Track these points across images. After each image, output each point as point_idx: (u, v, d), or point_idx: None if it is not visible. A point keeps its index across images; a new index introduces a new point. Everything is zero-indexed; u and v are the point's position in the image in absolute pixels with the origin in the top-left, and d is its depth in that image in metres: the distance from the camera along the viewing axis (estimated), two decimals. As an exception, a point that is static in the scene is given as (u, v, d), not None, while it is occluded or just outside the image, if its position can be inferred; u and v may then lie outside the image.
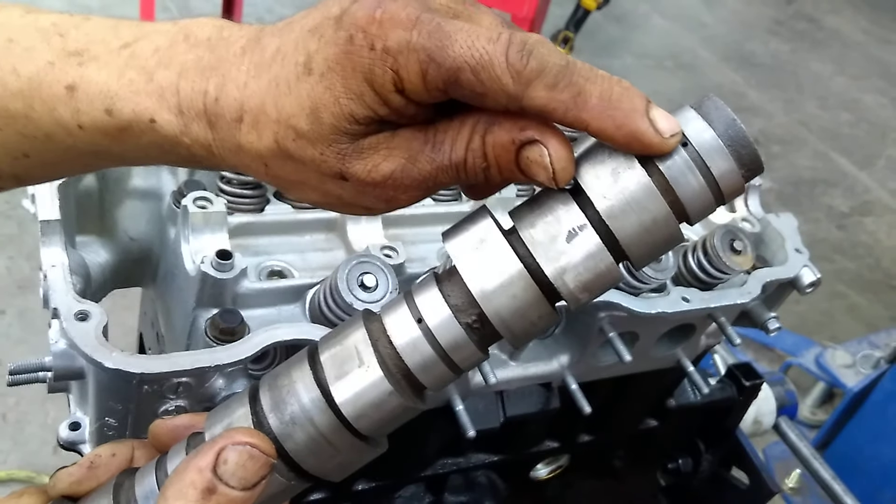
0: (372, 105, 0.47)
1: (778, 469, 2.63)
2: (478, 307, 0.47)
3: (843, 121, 5.71)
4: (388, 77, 0.46)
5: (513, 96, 0.45)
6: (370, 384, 0.48)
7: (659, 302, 0.94)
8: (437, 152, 0.49)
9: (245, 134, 0.50)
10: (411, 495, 1.08)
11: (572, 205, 0.47)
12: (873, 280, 4.17)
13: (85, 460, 0.54)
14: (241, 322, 0.80)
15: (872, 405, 2.67)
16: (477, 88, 0.46)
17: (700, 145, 0.46)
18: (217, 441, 0.47)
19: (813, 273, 1.08)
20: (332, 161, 0.49)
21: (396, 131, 0.49)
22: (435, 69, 0.45)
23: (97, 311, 0.73)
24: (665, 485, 1.36)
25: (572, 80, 0.45)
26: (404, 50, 0.45)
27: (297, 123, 0.48)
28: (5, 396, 2.50)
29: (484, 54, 0.45)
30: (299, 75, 0.48)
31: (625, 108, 0.46)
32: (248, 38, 0.51)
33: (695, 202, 0.46)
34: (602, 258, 0.46)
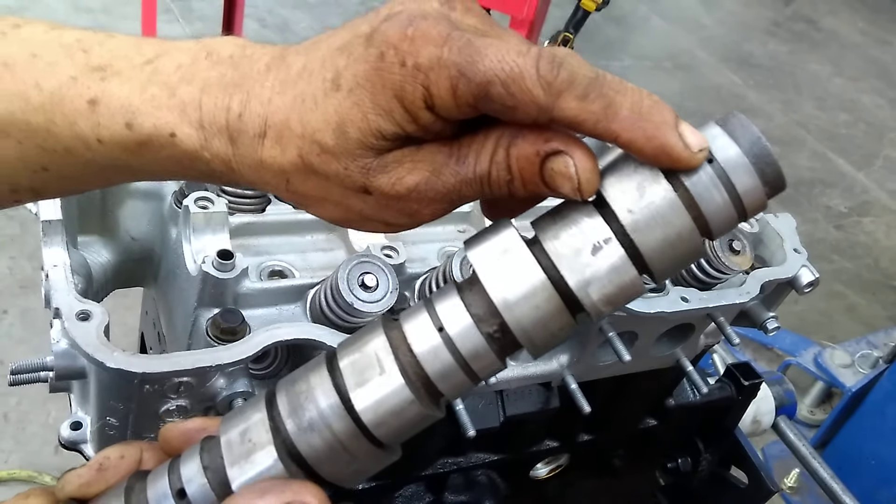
0: (400, 121, 0.47)
1: (777, 468, 2.64)
2: (500, 317, 0.47)
3: (841, 121, 5.72)
4: (419, 93, 0.46)
5: (544, 108, 0.46)
6: (391, 392, 0.48)
7: (658, 302, 0.94)
8: (462, 165, 0.50)
9: (268, 149, 0.50)
10: (411, 495, 1.08)
11: (597, 217, 0.47)
12: (872, 280, 4.18)
13: (94, 462, 0.54)
14: (242, 322, 0.81)
15: (871, 405, 2.67)
16: (508, 101, 0.46)
17: (725, 162, 0.46)
18: (286, 492, 0.46)
19: (811, 273, 1.08)
20: (357, 175, 0.49)
21: (421, 146, 0.50)
22: (465, 84, 0.45)
23: (99, 310, 0.73)
24: (664, 484, 1.36)
25: (603, 91, 0.46)
26: (435, 66, 0.45)
27: (322, 138, 0.48)
28: (7, 396, 2.50)
29: (514, 67, 0.45)
30: (327, 91, 0.48)
31: (655, 120, 0.46)
32: (272, 56, 0.52)
33: (718, 218, 0.47)
34: (626, 271, 0.47)
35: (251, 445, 0.49)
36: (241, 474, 0.48)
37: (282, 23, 5.19)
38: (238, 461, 0.49)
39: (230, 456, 0.49)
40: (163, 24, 4.33)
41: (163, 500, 0.49)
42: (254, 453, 0.49)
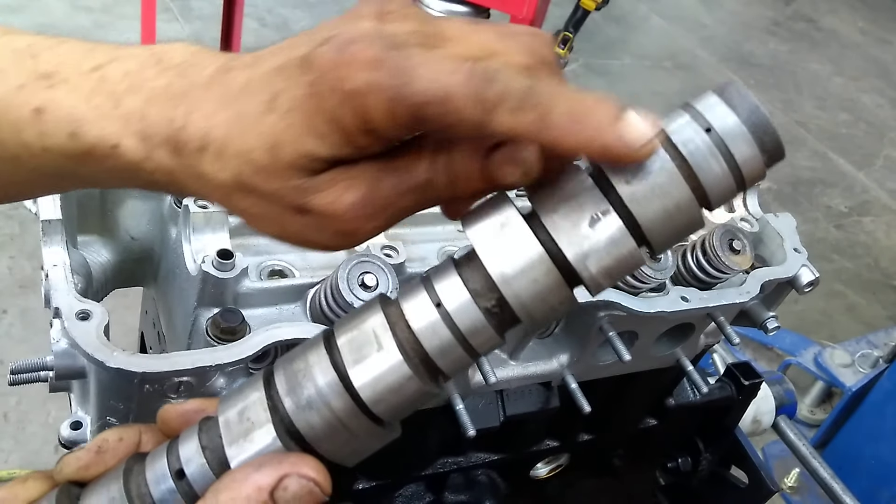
0: (336, 145, 0.47)
1: (777, 468, 2.64)
2: (497, 291, 0.47)
3: (841, 121, 5.72)
4: (357, 118, 0.46)
5: (478, 124, 0.45)
6: (389, 368, 0.48)
7: (658, 301, 0.94)
8: (399, 178, 0.49)
9: (209, 164, 0.50)
10: (411, 494, 1.08)
11: (595, 189, 0.47)
12: (872, 279, 4.18)
13: (92, 445, 0.54)
14: (242, 321, 0.81)
15: (871, 404, 2.67)
16: (443, 120, 0.46)
17: (723, 131, 0.46)
18: (283, 463, 0.47)
19: (811, 273, 1.08)
20: (292, 195, 0.49)
21: (356, 163, 0.49)
22: (401, 106, 0.45)
23: (98, 310, 0.74)
24: (664, 484, 1.36)
25: (536, 101, 0.45)
26: (369, 91, 0.45)
27: (257, 158, 0.48)
28: (7, 396, 2.50)
29: (447, 86, 0.45)
30: (263, 112, 0.48)
31: (591, 124, 0.45)
32: (217, 68, 0.51)
33: (717, 188, 0.46)
34: (625, 243, 0.46)
35: (249, 424, 0.49)
36: (240, 453, 0.48)
37: (281, 22, 5.19)
38: (237, 440, 0.49)
39: (228, 435, 0.49)
40: (162, 23, 4.33)
41: (161, 480, 0.49)
42: (252, 432, 0.49)
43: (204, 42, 2.34)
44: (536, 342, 0.99)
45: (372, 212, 0.50)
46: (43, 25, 4.46)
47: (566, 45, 3.75)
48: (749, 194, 1.16)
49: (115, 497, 0.50)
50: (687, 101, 0.48)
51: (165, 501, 0.49)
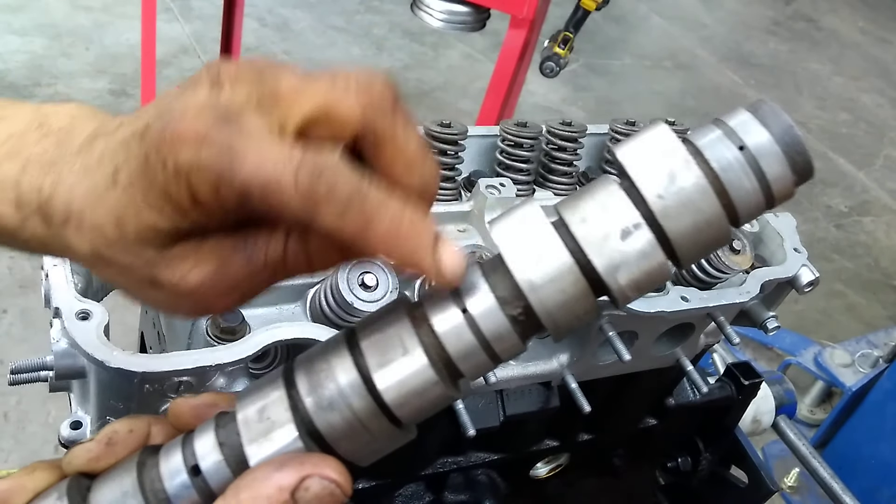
0: (172, 218, 0.47)
1: (777, 468, 2.64)
2: (524, 299, 0.47)
3: (841, 121, 5.72)
4: (184, 194, 0.46)
5: (302, 219, 0.45)
6: (414, 373, 0.48)
7: (658, 301, 0.94)
8: (251, 256, 0.49)
9: (71, 236, 0.50)
10: (411, 494, 1.08)
11: (627, 202, 0.47)
12: (872, 279, 4.18)
13: (102, 436, 0.53)
14: (242, 321, 0.81)
15: (871, 404, 2.67)
16: (268, 208, 0.45)
17: (756, 149, 0.46)
18: (305, 464, 0.47)
19: (811, 272, 1.08)
20: (142, 269, 0.49)
21: (205, 239, 0.49)
22: (226, 188, 0.45)
23: (98, 310, 0.74)
24: (664, 483, 1.36)
25: (362, 208, 0.45)
26: (194, 169, 0.45)
27: (106, 232, 0.48)
28: (7, 395, 2.50)
29: (272, 176, 0.44)
30: (108, 185, 0.48)
31: (411, 243, 0.46)
32: (87, 136, 0.51)
33: (746, 205, 0.47)
34: (655, 257, 0.46)
35: (270, 423, 0.49)
36: (260, 451, 0.48)
37: (281, 22, 5.19)
38: (256, 438, 0.48)
39: (248, 433, 0.49)
40: (162, 23, 4.33)
41: (176, 475, 0.49)
42: (273, 431, 0.48)
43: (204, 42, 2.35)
44: (536, 342, 0.99)
45: (222, 290, 0.50)
46: (43, 25, 4.46)
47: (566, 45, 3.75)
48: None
49: (128, 491, 0.49)
50: (718, 118, 0.48)
51: (179, 497, 0.49)
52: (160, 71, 3.93)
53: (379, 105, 0.49)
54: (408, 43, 5.34)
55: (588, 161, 1.19)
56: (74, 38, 4.44)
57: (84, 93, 4.00)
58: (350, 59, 5.00)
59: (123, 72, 4.21)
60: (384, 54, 5.18)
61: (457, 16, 2.97)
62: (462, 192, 1.08)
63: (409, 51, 5.26)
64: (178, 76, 4.27)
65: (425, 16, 2.98)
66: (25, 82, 4.01)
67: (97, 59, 4.31)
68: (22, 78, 4.03)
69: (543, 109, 4.92)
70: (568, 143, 1.08)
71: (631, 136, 0.48)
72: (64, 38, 4.41)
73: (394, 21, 5.49)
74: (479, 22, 3.04)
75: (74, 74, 4.14)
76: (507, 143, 1.08)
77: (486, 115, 3.03)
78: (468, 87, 4.94)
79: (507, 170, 1.09)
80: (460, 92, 4.91)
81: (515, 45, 2.86)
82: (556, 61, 3.29)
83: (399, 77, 4.96)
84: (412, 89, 4.84)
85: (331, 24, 5.34)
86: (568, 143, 1.08)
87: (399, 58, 5.18)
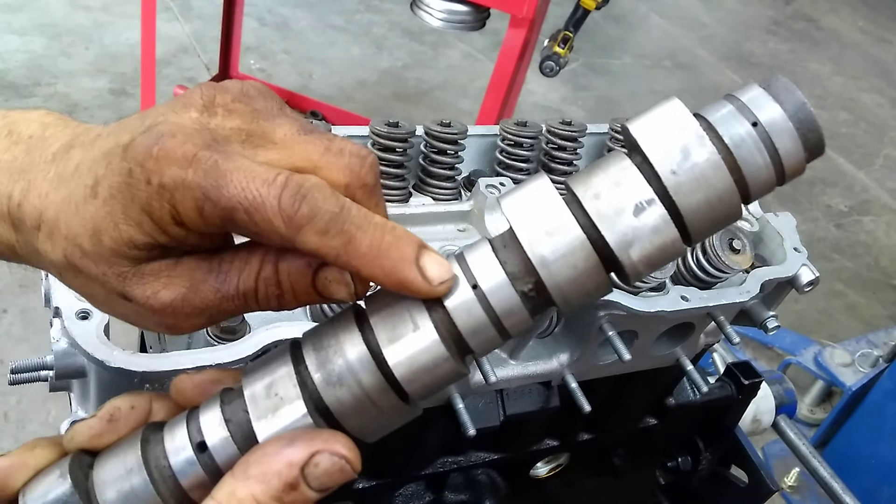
0: (151, 233, 0.48)
1: (777, 467, 2.64)
2: (535, 275, 0.47)
3: (841, 120, 5.72)
4: (166, 210, 0.47)
5: (285, 239, 0.46)
6: (425, 348, 0.47)
7: (658, 301, 0.94)
8: (223, 282, 0.50)
9: (42, 242, 0.50)
10: (412, 493, 1.08)
11: (640, 177, 0.46)
12: (872, 279, 4.18)
13: (104, 413, 0.53)
14: (242, 320, 0.81)
15: (871, 403, 2.68)
16: (251, 228, 0.46)
17: (770, 125, 0.46)
18: (315, 440, 0.47)
19: (811, 272, 1.08)
20: (114, 281, 0.49)
21: (180, 259, 0.50)
22: (210, 207, 0.46)
23: (99, 309, 0.73)
24: (664, 483, 1.36)
25: (343, 227, 0.46)
26: (179, 187, 0.46)
27: (81, 242, 0.49)
28: (7, 395, 2.50)
29: (257, 196, 0.45)
30: (86, 197, 0.48)
31: (393, 257, 0.47)
32: (61, 144, 0.52)
33: (758, 181, 0.47)
34: (668, 233, 0.46)
35: (278, 399, 0.48)
36: (269, 428, 0.48)
37: (281, 21, 5.19)
38: (265, 415, 0.48)
39: (256, 410, 0.48)
40: (162, 22, 4.33)
41: (181, 451, 0.49)
42: (281, 407, 0.48)
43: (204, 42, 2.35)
44: (536, 342, 0.99)
45: (190, 311, 0.50)
46: (43, 25, 4.46)
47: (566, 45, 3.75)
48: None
49: (132, 468, 0.49)
50: (730, 93, 0.48)
51: (185, 473, 0.49)
52: (160, 70, 3.93)
53: (362, 184, 0.50)
54: (407, 42, 5.34)
55: (588, 160, 1.19)
56: (74, 38, 4.44)
57: (84, 92, 4.00)
58: (350, 58, 5.00)
59: (123, 71, 4.21)
60: (384, 53, 5.18)
61: (456, 15, 2.97)
62: (462, 191, 1.08)
63: (408, 50, 5.26)
64: (178, 75, 4.27)
65: (425, 15, 2.98)
66: (25, 82, 4.01)
67: (97, 58, 4.31)
68: (22, 77, 4.03)
69: (543, 109, 4.92)
70: (568, 142, 1.08)
71: (643, 112, 0.48)
72: (64, 38, 4.41)
73: (393, 20, 5.49)
74: (478, 21, 3.04)
75: (74, 74, 4.14)
76: (506, 143, 1.08)
77: (485, 115, 3.03)
78: (468, 87, 4.94)
79: (507, 169, 1.09)
80: (460, 91, 4.91)
81: (515, 44, 2.86)
82: (555, 61, 3.29)
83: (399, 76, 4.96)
84: (412, 89, 4.84)
85: (330, 23, 5.33)
86: (568, 142, 1.08)
87: (399, 57, 5.17)
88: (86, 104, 3.90)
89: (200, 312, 0.51)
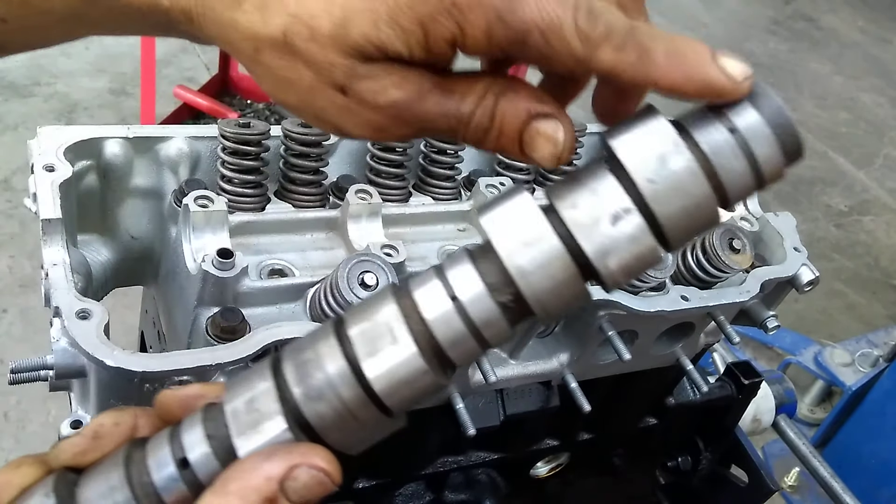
0: (412, 46, 0.47)
1: (777, 467, 2.64)
2: (514, 286, 0.47)
3: (841, 120, 5.72)
4: (447, 29, 0.46)
5: (581, 60, 0.46)
6: (403, 361, 0.47)
7: (658, 300, 0.94)
8: (447, 99, 0.49)
9: (247, 13, 0.48)
10: (412, 493, 1.08)
11: (617, 186, 0.47)
12: (872, 279, 4.18)
13: (88, 430, 0.53)
14: (242, 320, 0.81)
15: (871, 403, 2.67)
16: (544, 51, 0.46)
17: (747, 130, 0.46)
18: (293, 453, 0.47)
19: (811, 272, 1.08)
20: (339, 74, 0.48)
21: (410, 67, 0.49)
22: (502, 29, 0.45)
23: (98, 309, 0.74)
24: (664, 483, 1.36)
25: (638, 40, 0.46)
26: (475, 7, 0.45)
27: (318, 25, 0.47)
28: (7, 395, 2.50)
29: (554, 18, 0.45)
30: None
31: (691, 59, 0.46)
32: None
33: (737, 188, 0.47)
34: (645, 242, 0.46)
35: (258, 415, 0.48)
36: (249, 443, 0.48)
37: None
38: (245, 431, 0.48)
39: (236, 425, 0.48)
40: (162, 22, 4.32)
41: (164, 468, 0.49)
42: (261, 422, 0.48)
43: (204, 41, 2.29)
44: (536, 341, 0.99)
45: (409, 118, 0.50)
46: (43, 24, 4.45)
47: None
48: (749, 193, 1.16)
49: (115, 485, 0.49)
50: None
51: (168, 489, 0.48)
52: (160, 70, 3.93)
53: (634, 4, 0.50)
54: (408, 42, 5.33)
55: (588, 160, 1.19)
56: (74, 38, 4.43)
57: (84, 92, 4.00)
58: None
59: (123, 71, 4.20)
60: (384, 54, 5.17)
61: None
62: (462, 191, 1.08)
63: (408, 50, 5.25)
64: (178, 75, 4.26)
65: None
66: (25, 81, 4.01)
67: (97, 58, 4.31)
68: (21, 77, 4.03)
69: (543, 109, 4.90)
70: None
71: (621, 122, 0.48)
72: (64, 38, 4.40)
73: (394, 20, 5.47)
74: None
75: (74, 73, 4.14)
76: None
77: (485, 115, 3.02)
78: (468, 87, 4.92)
79: (507, 169, 1.09)
80: (460, 91, 4.89)
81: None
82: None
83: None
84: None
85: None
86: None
87: (399, 57, 5.16)
88: (86, 104, 3.90)
89: (415, 122, 0.50)
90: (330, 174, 1.00)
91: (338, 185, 0.98)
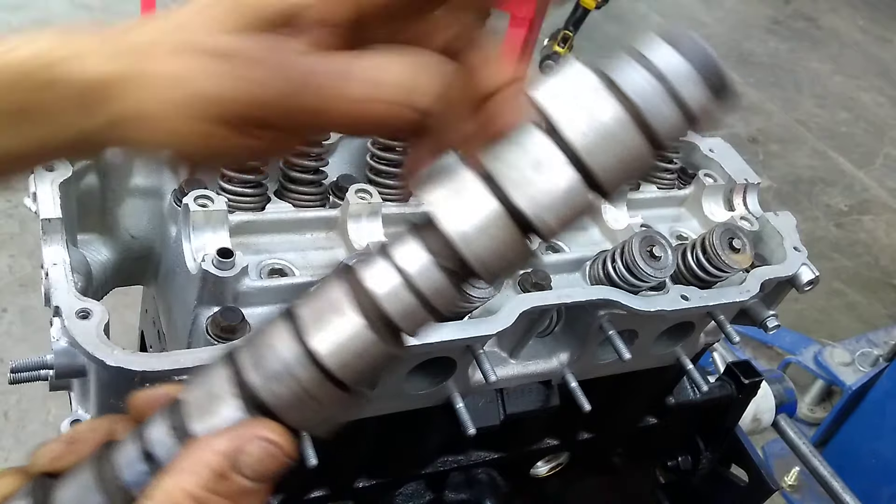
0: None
1: (777, 466, 2.64)
2: (457, 251, 0.48)
3: (841, 119, 5.72)
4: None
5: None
6: (352, 334, 0.48)
7: (658, 300, 0.94)
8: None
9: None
10: (412, 493, 1.08)
11: (548, 142, 0.48)
12: (871, 278, 4.18)
13: (65, 436, 0.55)
14: (242, 320, 0.81)
15: (871, 403, 2.67)
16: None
17: (670, 73, 0.47)
18: (241, 429, 0.48)
19: (811, 271, 1.08)
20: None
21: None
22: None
23: (98, 309, 0.74)
24: (665, 482, 1.36)
25: None
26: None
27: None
28: (7, 394, 2.50)
29: None
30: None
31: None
32: None
33: (667, 130, 0.47)
34: (580, 192, 0.47)
35: (216, 401, 0.49)
36: (205, 428, 0.49)
37: (281, 21, 5.18)
38: (202, 416, 0.49)
39: (195, 413, 0.50)
40: (162, 22, 4.32)
41: (132, 464, 0.50)
42: (218, 407, 0.49)
43: (204, 41, 2.27)
44: (536, 341, 0.99)
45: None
46: (42, 23, 4.46)
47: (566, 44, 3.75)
48: (749, 193, 1.16)
49: (86, 485, 0.50)
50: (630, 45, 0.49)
51: (138, 484, 0.50)
52: (160, 70, 3.92)
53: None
54: (408, 42, 5.33)
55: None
56: (74, 37, 4.43)
57: (84, 92, 4.00)
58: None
59: (123, 71, 4.20)
60: (384, 53, 5.17)
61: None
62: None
63: (408, 50, 5.25)
64: (178, 75, 4.26)
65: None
66: (25, 81, 4.01)
67: (97, 57, 4.30)
68: (21, 77, 4.02)
69: (543, 108, 4.90)
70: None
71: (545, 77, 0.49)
72: (63, 37, 4.40)
73: (393, 20, 5.48)
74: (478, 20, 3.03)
75: (74, 73, 4.14)
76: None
77: (486, 114, 3.02)
78: (468, 86, 4.92)
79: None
80: (460, 91, 4.89)
81: (515, 43, 2.86)
82: (555, 60, 3.29)
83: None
84: (412, 88, 4.83)
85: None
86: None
87: (399, 57, 5.17)
88: (86, 103, 3.90)
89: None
90: (330, 174, 0.99)
91: (338, 184, 0.98)
